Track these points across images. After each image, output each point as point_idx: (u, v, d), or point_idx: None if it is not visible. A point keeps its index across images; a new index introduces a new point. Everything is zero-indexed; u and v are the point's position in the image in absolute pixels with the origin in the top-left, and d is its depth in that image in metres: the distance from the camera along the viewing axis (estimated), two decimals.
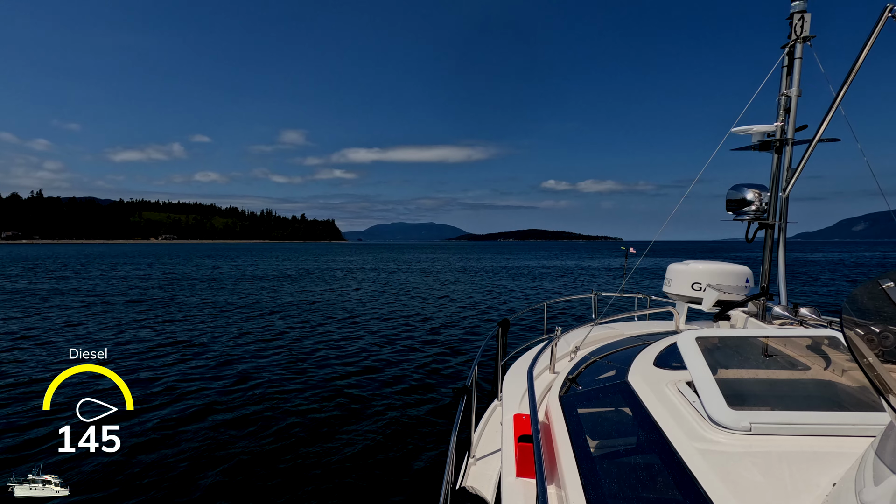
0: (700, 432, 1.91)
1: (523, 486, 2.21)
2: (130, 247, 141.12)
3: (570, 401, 2.73)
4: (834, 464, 1.63)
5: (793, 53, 3.85)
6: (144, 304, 18.88)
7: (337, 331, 13.46)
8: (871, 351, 1.23)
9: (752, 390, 2.30)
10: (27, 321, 14.52)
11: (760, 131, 4.06)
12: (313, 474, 5.18)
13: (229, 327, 13.86)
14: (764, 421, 1.87)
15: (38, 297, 20.80)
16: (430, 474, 5.19)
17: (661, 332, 4.28)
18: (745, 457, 1.75)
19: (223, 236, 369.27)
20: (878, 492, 1.16)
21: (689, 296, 4.81)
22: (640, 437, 2.11)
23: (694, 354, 2.34)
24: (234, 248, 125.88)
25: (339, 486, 4.99)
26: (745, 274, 4.64)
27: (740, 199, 4.13)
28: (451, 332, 13.31)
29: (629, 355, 3.08)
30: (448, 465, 2.38)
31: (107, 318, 15.15)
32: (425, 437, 6.13)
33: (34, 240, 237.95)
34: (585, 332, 4.14)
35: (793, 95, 3.89)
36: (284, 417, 6.67)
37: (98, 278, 30.87)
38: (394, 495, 4.83)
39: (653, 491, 1.76)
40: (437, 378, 8.84)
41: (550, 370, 3.58)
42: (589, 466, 2.00)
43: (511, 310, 18.45)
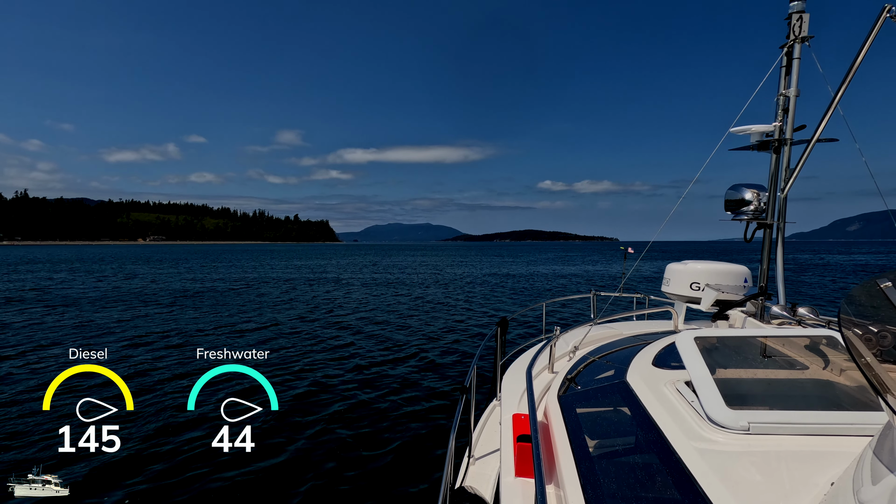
0: (699, 432, 1.92)
1: (522, 486, 2.21)
2: (111, 248, 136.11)
3: (568, 400, 2.73)
4: (832, 463, 1.64)
5: (791, 54, 3.86)
6: (144, 303, 18.85)
7: (335, 331, 13.45)
8: (869, 350, 1.24)
9: (751, 390, 2.31)
10: (27, 321, 14.51)
11: (759, 131, 4.07)
12: (312, 474, 5.18)
13: (230, 327, 13.85)
14: (762, 420, 1.87)
15: (35, 298, 20.78)
16: (429, 474, 5.19)
17: (659, 332, 4.28)
18: (744, 456, 1.76)
19: (214, 237, 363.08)
20: (876, 491, 1.17)
21: (688, 295, 4.81)
22: (638, 437, 2.12)
23: (692, 354, 2.34)
24: (215, 250, 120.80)
25: (338, 485, 4.99)
26: (743, 274, 4.65)
27: (739, 198, 4.14)
28: (450, 332, 13.31)
29: (628, 355, 3.08)
30: (447, 465, 2.38)
31: (106, 318, 15.13)
32: (424, 437, 6.14)
33: (15, 241, 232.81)
34: (584, 332, 4.14)
35: (791, 95, 3.90)
36: (284, 417, 6.67)
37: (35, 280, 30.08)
38: (393, 495, 4.83)
39: (651, 490, 1.77)
40: (435, 378, 8.84)
41: (549, 370, 3.59)
42: (588, 466, 2.00)
43: (510, 310, 18.46)
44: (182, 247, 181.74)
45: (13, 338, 11.90)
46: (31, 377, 8.49)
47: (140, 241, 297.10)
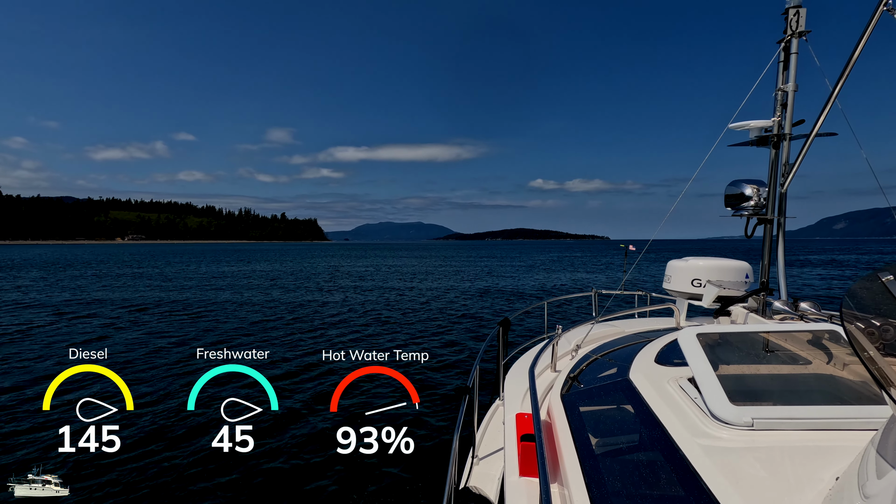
0: (702, 428, 1.91)
1: (526, 486, 2.20)
2: (77, 248, 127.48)
3: (571, 399, 2.73)
4: (836, 458, 1.63)
5: (788, 49, 3.85)
6: (144, 304, 18.83)
7: (335, 331, 13.45)
8: (871, 344, 1.23)
9: (754, 385, 2.30)
10: (27, 321, 14.48)
11: (758, 127, 4.06)
12: (312, 474, 5.18)
13: (233, 326, 13.84)
14: (766, 416, 1.87)
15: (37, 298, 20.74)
16: (434, 475, 5.19)
17: (661, 329, 4.28)
18: (748, 452, 1.75)
19: (197, 236, 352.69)
20: (882, 485, 1.16)
21: (690, 292, 4.81)
22: (642, 434, 2.11)
23: (695, 351, 2.34)
24: (191, 250, 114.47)
25: (340, 486, 4.98)
26: (744, 270, 4.64)
27: (739, 194, 4.13)
28: (452, 333, 13.31)
29: (630, 353, 3.08)
30: (451, 466, 2.38)
31: (107, 318, 15.11)
32: (427, 438, 6.13)
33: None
34: (586, 330, 4.14)
35: (789, 90, 3.89)
36: (283, 418, 6.67)
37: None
38: (397, 496, 4.83)
39: (656, 488, 1.77)
40: (438, 378, 8.84)
41: (552, 369, 3.58)
42: (592, 464, 2.00)
43: (512, 309, 18.47)
44: (153, 246, 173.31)
45: (16, 336, 11.90)
46: (31, 377, 8.48)
47: (118, 241, 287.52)
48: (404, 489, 4.93)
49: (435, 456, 5.58)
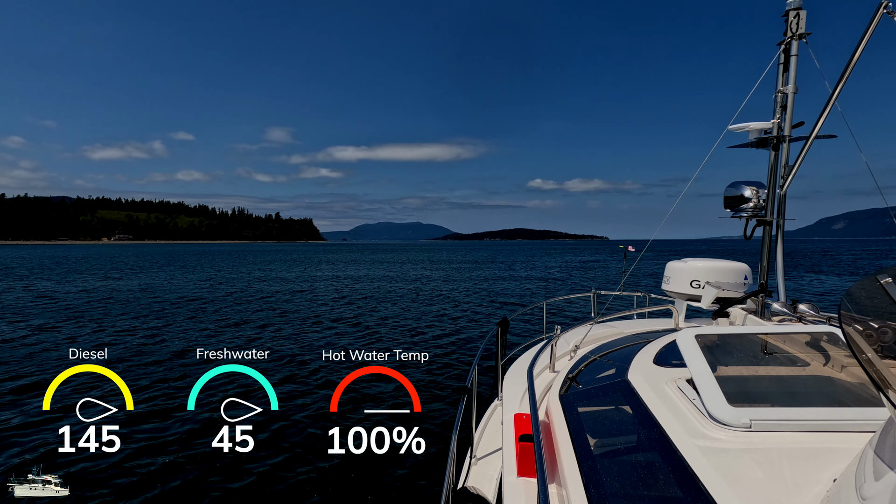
0: (700, 429, 1.92)
1: (524, 486, 2.21)
2: (52, 249, 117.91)
3: (570, 399, 2.73)
4: (834, 460, 1.64)
5: (788, 50, 3.86)
6: (145, 304, 18.82)
7: (336, 331, 13.45)
8: (869, 346, 1.24)
9: (752, 387, 2.30)
10: (27, 321, 14.47)
11: (757, 128, 4.06)
12: (312, 474, 5.18)
13: (232, 326, 13.84)
14: (764, 417, 1.87)
15: (42, 297, 20.73)
16: (432, 475, 5.19)
17: (660, 330, 4.28)
18: (746, 453, 1.76)
19: (187, 236, 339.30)
20: (879, 487, 1.16)
21: (688, 293, 4.81)
22: (640, 435, 2.12)
23: (693, 352, 2.34)
24: (171, 251, 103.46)
25: (340, 486, 4.99)
26: (743, 271, 4.65)
27: (738, 196, 4.13)
28: (451, 333, 13.31)
29: (629, 353, 3.08)
30: (449, 466, 2.38)
31: (107, 318, 15.10)
32: (426, 438, 6.13)
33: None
34: (585, 331, 4.14)
35: (789, 92, 3.90)
36: (283, 418, 6.67)
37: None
38: (395, 496, 4.83)
39: (654, 489, 1.77)
40: (437, 378, 8.84)
41: (550, 369, 3.58)
42: (590, 465, 2.00)
43: (511, 309, 18.47)
44: (137, 247, 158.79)
45: (16, 336, 11.89)
46: (31, 377, 8.47)
47: (104, 241, 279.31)
48: (403, 489, 4.93)
49: (433, 456, 5.59)
